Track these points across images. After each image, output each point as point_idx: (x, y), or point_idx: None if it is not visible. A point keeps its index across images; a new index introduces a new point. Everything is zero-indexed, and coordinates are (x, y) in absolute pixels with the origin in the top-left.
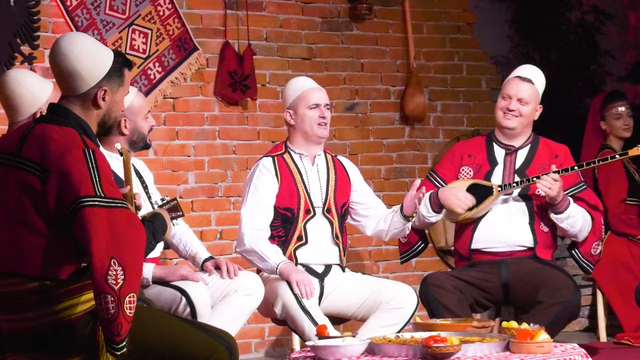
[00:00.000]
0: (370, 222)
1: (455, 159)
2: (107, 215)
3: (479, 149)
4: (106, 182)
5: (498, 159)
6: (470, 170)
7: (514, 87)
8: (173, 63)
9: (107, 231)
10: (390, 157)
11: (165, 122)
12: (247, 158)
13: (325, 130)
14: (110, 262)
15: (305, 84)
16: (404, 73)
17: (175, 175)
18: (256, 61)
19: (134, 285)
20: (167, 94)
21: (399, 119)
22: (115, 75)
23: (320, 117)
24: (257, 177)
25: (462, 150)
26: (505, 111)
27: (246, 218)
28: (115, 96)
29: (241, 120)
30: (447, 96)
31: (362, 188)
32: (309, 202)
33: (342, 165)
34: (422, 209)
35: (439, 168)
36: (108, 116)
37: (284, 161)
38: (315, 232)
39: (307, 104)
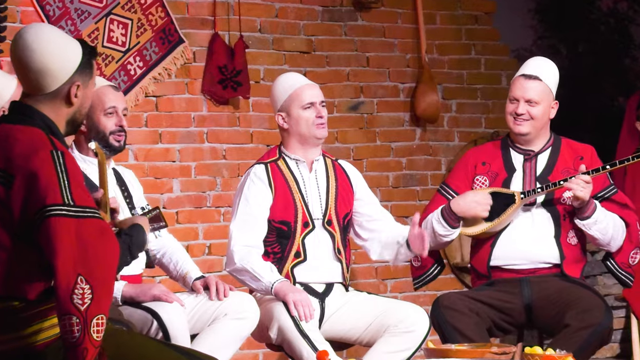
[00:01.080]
0: (374, 244)
1: (468, 167)
2: (75, 226)
3: (494, 156)
4: (76, 188)
5: (516, 165)
6: (486, 180)
7: (520, 88)
8: (156, 57)
9: (75, 244)
10: (400, 163)
11: (147, 123)
12: (238, 164)
13: (324, 130)
14: (76, 279)
15: (295, 81)
16: (415, 68)
17: (159, 182)
18: (249, 55)
19: (104, 305)
20: (149, 91)
21: (409, 119)
22: (87, 67)
23: (318, 116)
24: (248, 188)
25: (475, 158)
26: (514, 116)
27: (236, 234)
28: (86, 91)
29: (232, 121)
30: (463, 94)
31: (366, 196)
32: (307, 213)
33: (343, 171)
34: (438, 227)
35: (451, 180)
36: (79, 113)
37: (278, 168)
38: (315, 247)
39: (300, 104)
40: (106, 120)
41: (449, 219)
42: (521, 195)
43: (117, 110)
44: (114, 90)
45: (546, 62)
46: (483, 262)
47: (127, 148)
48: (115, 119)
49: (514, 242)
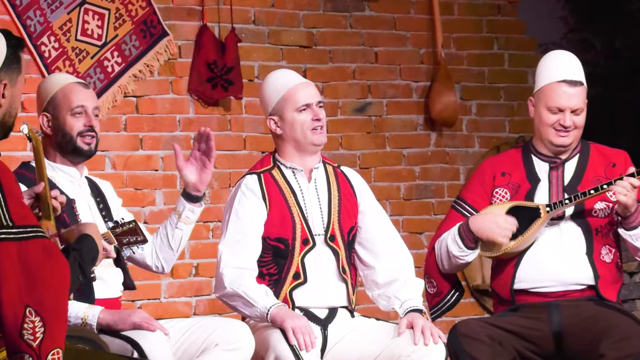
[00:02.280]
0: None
1: (486, 179)
2: (17, 251)
3: (515, 165)
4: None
5: (540, 174)
6: (506, 193)
7: (565, 98)
8: (136, 52)
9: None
10: (412, 172)
11: (126, 127)
12: (230, 173)
13: (323, 135)
14: (24, 311)
15: (288, 79)
16: (430, 65)
17: (139, 194)
18: (242, 50)
19: (58, 337)
20: (128, 91)
21: (423, 123)
22: (13, 63)
23: (314, 119)
24: (239, 201)
25: (493, 168)
26: (558, 128)
27: (226, 255)
28: (15, 89)
29: (223, 124)
30: (484, 94)
31: (372, 209)
32: (306, 229)
33: (346, 178)
34: (453, 248)
35: (467, 193)
36: (9, 114)
37: (272, 179)
38: (316, 266)
39: (294, 106)
40: (73, 121)
41: (465, 238)
42: (547, 209)
43: (86, 110)
44: (83, 87)
45: (574, 59)
46: (506, 285)
47: (104, 155)
48: (84, 119)
49: (540, 262)
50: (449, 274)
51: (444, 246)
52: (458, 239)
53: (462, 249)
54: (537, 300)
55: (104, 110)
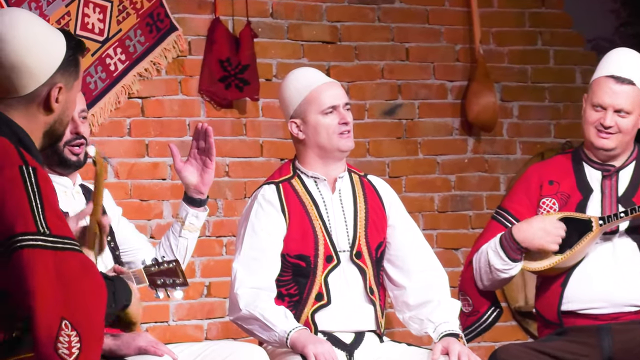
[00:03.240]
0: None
1: (532, 188)
2: (53, 260)
3: (564, 173)
4: (52, 214)
5: (592, 184)
6: (555, 203)
7: (609, 94)
8: (142, 49)
9: (55, 282)
10: (447, 181)
11: (130, 131)
12: (245, 182)
13: (350, 140)
14: (60, 324)
15: (312, 79)
16: (466, 63)
17: (145, 206)
18: (258, 46)
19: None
20: (133, 91)
21: (459, 127)
22: (71, 65)
23: (342, 123)
24: (256, 214)
25: (540, 176)
26: (599, 127)
27: (241, 274)
28: (70, 94)
29: (237, 128)
30: (527, 95)
31: (401, 223)
32: (330, 245)
33: (373, 188)
34: (494, 260)
35: (510, 203)
36: (60, 122)
37: (292, 189)
38: (341, 286)
39: (319, 109)
40: None
41: (509, 249)
42: (600, 222)
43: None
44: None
45: (632, 57)
46: (552, 306)
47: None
48: (70, 126)
49: (590, 281)
50: (487, 291)
51: (484, 259)
52: (500, 250)
53: (506, 261)
54: (587, 323)
55: (106, 113)
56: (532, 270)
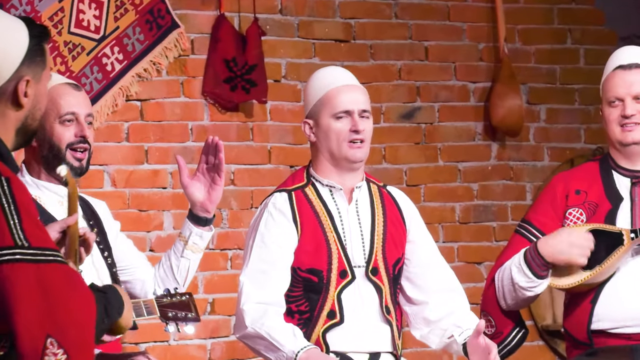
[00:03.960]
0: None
1: (557, 198)
2: (35, 274)
3: (592, 181)
4: (30, 225)
5: (622, 192)
6: (582, 214)
7: (621, 84)
8: (141, 48)
9: (38, 297)
10: (470, 190)
11: (128, 136)
12: (252, 191)
13: (361, 151)
14: (46, 342)
15: (333, 78)
16: (490, 62)
17: (144, 216)
18: (266, 45)
19: None
20: (131, 93)
21: (482, 131)
22: (37, 55)
23: (353, 130)
24: (265, 224)
25: (565, 185)
26: (622, 122)
27: (248, 288)
28: (39, 86)
29: (243, 133)
30: (556, 97)
31: (423, 239)
32: (344, 260)
33: (393, 201)
34: (519, 278)
35: (534, 215)
36: (32, 117)
37: (305, 198)
38: (356, 304)
39: (331, 111)
40: (62, 130)
41: (534, 265)
42: (631, 234)
43: (78, 117)
44: (74, 89)
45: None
46: (581, 324)
47: (102, 170)
48: (74, 128)
49: (622, 298)
50: (510, 311)
51: (507, 277)
52: (525, 266)
53: (531, 278)
54: (619, 343)
55: (102, 117)
56: (561, 288)
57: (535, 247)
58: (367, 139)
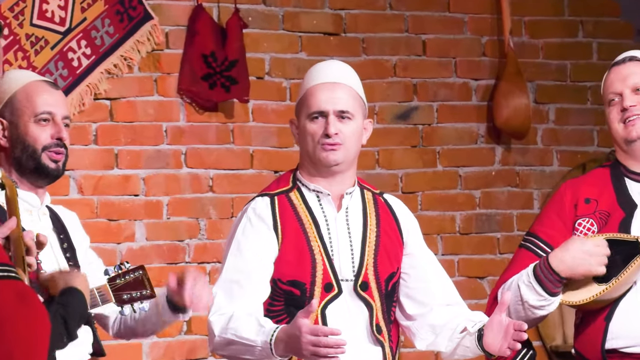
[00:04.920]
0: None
1: (565, 208)
2: None
3: (602, 188)
4: None
5: (635, 198)
6: (593, 224)
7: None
8: (111, 41)
9: None
10: (472, 198)
11: (97, 138)
12: (232, 199)
13: (336, 154)
14: None
15: (315, 75)
16: (494, 58)
17: (114, 227)
18: (248, 38)
19: None
20: (100, 91)
21: (485, 133)
22: None
23: (324, 134)
24: (243, 231)
25: (574, 193)
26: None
27: (219, 299)
28: None
29: (223, 135)
30: (566, 96)
31: (422, 253)
32: (330, 271)
33: (389, 210)
34: (528, 295)
35: (541, 227)
36: None
37: (289, 203)
38: (342, 322)
39: (307, 112)
40: (38, 131)
41: (546, 282)
42: None
43: (54, 117)
44: (51, 87)
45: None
46: (594, 343)
47: (68, 176)
48: (51, 129)
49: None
50: None
51: (514, 294)
52: (535, 282)
53: (543, 296)
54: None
55: None
56: (573, 304)
57: (547, 262)
58: (346, 142)
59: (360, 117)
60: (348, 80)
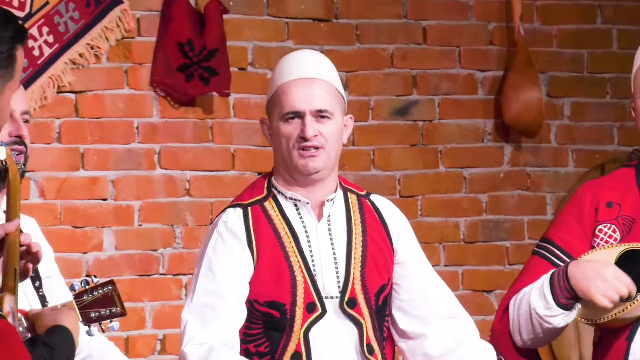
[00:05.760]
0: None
1: (585, 212)
2: None
3: (626, 191)
4: None
5: None
6: (615, 231)
7: None
8: (76, 28)
9: None
10: (478, 202)
11: (60, 136)
12: (211, 204)
13: (315, 160)
14: None
15: (287, 69)
16: (503, 47)
17: (80, 235)
18: (230, 25)
19: None
20: (64, 84)
21: (492, 131)
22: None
23: (301, 137)
24: (214, 249)
25: (595, 196)
26: None
27: (192, 327)
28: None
29: (202, 133)
30: (583, 89)
31: (414, 259)
32: (312, 290)
33: (376, 213)
34: (537, 302)
35: (557, 233)
36: None
37: (264, 215)
38: (328, 344)
39: (280, 112)
40: None
41: (557, 288)
42: None
43: (12, 113)
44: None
45: None
46: None
47: (28, 177)
48: (9, 127)
49: None
50: (527, 349)
51: (525, 305)
52: (547, 289)
53: (550, 304)
54: None
55: None
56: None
57: (566, 270)
58: (326, 146)
59: (340, 114)
60: (325, 74)
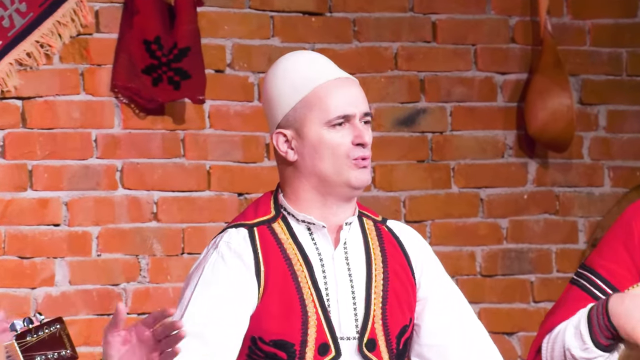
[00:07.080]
0: None
1: (635, 238)
2: None
3: None
4: None
5: None
6: None
7: None
8: (23, 23)
9: None
10: (497, 228)
11: (4, 150)
12: (182, 230)
13: (367, 172)
14: None
15: (316, 70)
16: (527, 45)
17: (27, 266)
18: (204, 19)
19: None
20: (8, 88)
21: (514, 144)
22: None
23: (357, 143)
24: (213, 269)
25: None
26: None
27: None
28: None
29: (171, 146)
30: (622, 95)
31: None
32: (326, 329)
33: (396, 241)
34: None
35: (600, 260)
36: None
37: (274, 238)
38: None
39: (324, 117)
40: None
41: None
42: None
43: None
44: None
45: None
46: None
47: None
48: None
49: None
50: None
51: (559, 345)
52: (584, 326)
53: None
54: None
55: None
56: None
57: (606, 304)
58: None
59: None
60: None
